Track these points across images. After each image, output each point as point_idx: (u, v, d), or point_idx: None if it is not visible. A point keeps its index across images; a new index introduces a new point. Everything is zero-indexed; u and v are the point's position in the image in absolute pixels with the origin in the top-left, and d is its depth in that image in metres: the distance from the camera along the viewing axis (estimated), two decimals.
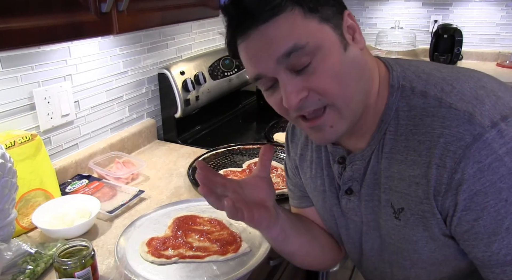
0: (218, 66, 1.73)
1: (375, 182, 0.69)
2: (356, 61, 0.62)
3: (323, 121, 0.62)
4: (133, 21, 0.96)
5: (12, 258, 0.84)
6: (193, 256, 0.91)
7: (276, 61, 0.58)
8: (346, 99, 0.60)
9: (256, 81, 0.63)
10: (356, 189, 0.72)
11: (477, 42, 2.66)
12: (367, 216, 0.73)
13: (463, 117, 0.58)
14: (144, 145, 1.52)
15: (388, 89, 0.66)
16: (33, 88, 1.12)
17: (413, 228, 0.66)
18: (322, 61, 0.58)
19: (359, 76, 0.62)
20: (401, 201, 0.65)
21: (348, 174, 0.72)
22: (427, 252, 0.67)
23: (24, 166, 0.99)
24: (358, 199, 0.73)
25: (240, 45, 0.62)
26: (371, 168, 0.69)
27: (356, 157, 0.70)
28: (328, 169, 0.77)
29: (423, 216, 0.64)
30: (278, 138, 1.54)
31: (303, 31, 0.57)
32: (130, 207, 1.12)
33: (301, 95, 0.59)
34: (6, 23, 0.70)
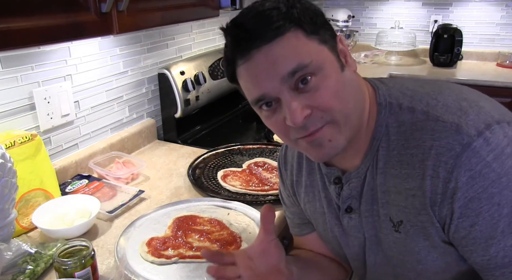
0: (218, 66, 1.73)
1: (372, 198, 0.71)
2: (352, 81, 0.65)
3: (322, 135, 0.63)
4: (133, 21, 0.96)
5: (12, 258, 0.84)
6: (193, 256, 0.91)
7: (280, 80, 0.59)
8: (346, 115, 0.62)
9: (257, 103, 0.64)
10: (356, 206, 0.73)
11: (477, 42, 2.66)
12: (369, 232, 0.74)
13: (450, 128, 0.60)
14: (144, 145, 1.52)
15: (376, 107, 0.68)
16: (33, 88, 1.12)
17: (414, 239, 0.67)
18: (324, 79, 0.60)
19: (355, 94, 0.65)
20: (400, 214, 0.67)
21: (346, 192, 0.73)
22: (430, 261, 0.68)
23: (24, 166, 0.99)
24: (358, 216, 0.74)
25: (241, 67, 0.62)
26: (367, 184, 0.70)
27: (351, 175, 0.72)
28: (325, 190, 0.78)
29: (422, 226, 0.65)
30: (278, 138, 1.54)
31: (306, 51, 0.59)
32: (130, 207, 1.12)
33: (305, 113, 0.60)
34: (6, 23, 0.70)
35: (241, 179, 1.24)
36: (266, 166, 1.30)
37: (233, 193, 1.17)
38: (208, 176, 1.28)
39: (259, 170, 1.27)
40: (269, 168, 1.29)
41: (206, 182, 1.24)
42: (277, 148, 1.44)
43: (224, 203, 1.11)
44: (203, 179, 1.25)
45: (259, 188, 1.18)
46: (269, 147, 1.45)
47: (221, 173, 1.26)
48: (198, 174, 1.28)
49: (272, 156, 1.40)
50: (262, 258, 0.71)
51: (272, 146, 1.45)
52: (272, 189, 1.17)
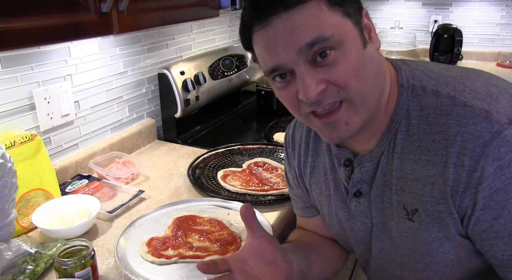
0: (218, 66, 1.73)
1: (384, 184, 0.68)
2: (374, 59, 0.61)
3: (338, 117, 0.60)
4: (133, 21, 0.96)
5: (12, 258, 0.84)
6: (193, 256, 0.91)
7: (297, 51, 0.56)
8: (363, 95, 0.59)
9: (271, 73, 0.61)
10: (365, 191, 0.71)
11: (477, 42, 2.66)
12: (377, 218, 0.72)
13: (479, 115, 0.57)
14: (144, 145, 1.52)
15: (397, 89, 0.65)
16: (33, 88, 1.12)
17: (427, 229, 0.64)
18: (344, 55, 0.57)
19: (376, 74, 0.62)
20: (415, 202, 0.64)
21: (358, 176, 0.71)
22: (441, 253, 0.66)
23: (24, 166, 0.99)
24: (367, 200, 0.71)
25: (257, 33, 0.59)
26: (381, 169, 0.68)
27: (364, 158, 0.69)
28: (333, 173, 0.76)
29: (439, 216, 0.62)
30: (278, 138, 1.54)
31: (328, 22, 0.56)
32: (130, 207, 1.12)
33: (320, 88, 0.57)
34: (6, 23, 0.70)
35: (241, 179, 1.24)
36: (266, 166, 1.30)
37: (233, 193, 1.17)
38: (208, 176, 1.28)
39: (259, 170, 1.27)
40: (269, 168, 1.29)
41: (206, 182, 1.24)
42: (277, 148, 1.44)
43: (224, 203, 1.11)
44: (203, 179, 1.25)
45: (259, 188, 1.18)
46: (269, 147, 1.45)
47: (221, 173, 1.26)
48: (198, 174, 1.28)
49: (272, 156, 1.40)
50: (256, 256, 0.70)
51: (272, 146, 1.45)
52: (272, 189, 1.17)
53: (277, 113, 1.84)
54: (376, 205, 0.70)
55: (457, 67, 0.68)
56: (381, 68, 0.64)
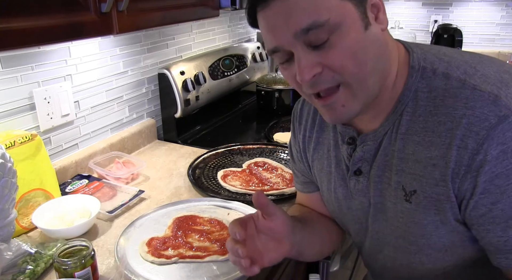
0: (218, 66, 1.73)
1: (385, 163, 0.68)
2: (376, 41, 0.61)
3: (335, 99, 0.61)
4: (133, 21, 0.96)
5: (12, 258, 0.84)
6: (193, 256, 0.91)
7: (293, 35, 0.57)
8: (361, 79, 0.60)
9: (273, 53, 0.62)
10: (366, 170, 0.71)
11: (477, 42, 2.66)
12: (375, 198, 0.72)
13: (487, 98, 0.57)
14: (144, 145, 1.52)
15: (407, 70, 0.65)
16: (33, 88, 1.12)
17: (424, 211, 0.65)
18: (341, 38, 0.57)
19: (377, 57, 0.61)
20: (414, 183, 0.64)
21: (359, 154, 0.71)
22: (435, 237, 0.66)
23: (24, 166, 0.99)
24: (367, 180, 0.72)
25: (259, 14, 0.61)
26: (383, 149, 0.68)
27: (367, 137, 0.69)
28: (336, 150, 0.76)
29: (437, 199, 0.63)
30: (278, 138, 1.54)
31: (324, 6, 0.56)
32: (130, 207, 1.12)
33: (314, 71, 0.58)
34: (6, 23, 0.70)
35: (241, 179, 1.24)
36: (266, 166, 1.30)
37: (233, 193, 1.17)
38: (208, 176, 1.28)
39: (259, 170, 1.27)
40: (269, 168, 1.29)
41: (206, 182, 1.24)
42: (277, 148, 1.44)
43: (224, 203, 1.11)
44: (203, 179, 1.25)
45: (259, 188, 1.18)
46: (269, 147, 1.45)
47: (221, 173, 1.26)
48: (198, 174, 1.28)
49: (272, 156, 1.40)
50: (267, 233, 0.69)
51: (272, 146, 1.45)
52: (272, 189, 1.17)
53: (277, 113, 1.84)
54: (375, 184, 0.71)
55: (471, 53, 0.68)
56: (385, 49, 0.63)
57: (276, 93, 1.86)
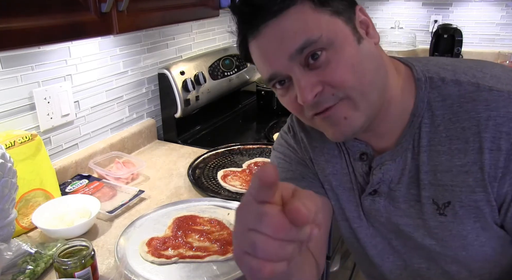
0: (218, 66, 1.73)
1: (410, 181, 0.66)
2: (371, 54, 0.60)
3: (336, 111, 0.59)
4: (133, 21, 0.96)
5: (12, 258, 0.84)
6: (193, 256, 0.91)
7: (289, 57, 0.57)
8: (362, 91, 0.58)
9: (270, 81, 0.62)
10: (383, 190, 0.68)
11: (477, 42, 2.66)
12: (397, 218, 0.68)
13: (508, 97, 0.57)
14: (144, 145, 1.52)
15: (413, 83, 0.64)
16: (33, 88, 1.12)
17: (462, 221, 0.62)
18: (336, 53, 0.57)
19: (375, 69, 0.60)
20: (447, 194, 0.62)
21: (378, 176, 0.67)
22: (477, 246, 0.63)
23: (24, 166, 0.99)
24: (384, 199, 0.69)
25: (251, 44, 0.60)
26: (407, 167, 0.65)
27: (384, 158, 0.66)
28: (351, 166, 0.73)
29: (475, 206, 0.60)
30: None
31: (314, 24, 0.56)
32: (130, 207, 1.12)
33: (316, 90, 0.57)
34: (6, 23, 0.70)
35: (241, 179, 1.24)
36: None
37: (233, 193, 1.17)
38: (208, 176, 1.28)
39: None
40: None
41: (206, 182, 1.24)
42: None
43: (224, 203, 1.11)
44: (203, 179, 1.25)
45: None
46: (269, 147, 1.45)
47: (221, 173, 1.26)
48: (198, 174, 1.28)
49: None
50: None
51: (272, 146, 1.45)
52: None
53: (277, 113, 1.84)
54: (397, 204, 0.68)
55: (469, 59, 0.68)
56: (381, 63, 0.62)
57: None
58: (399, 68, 0.66)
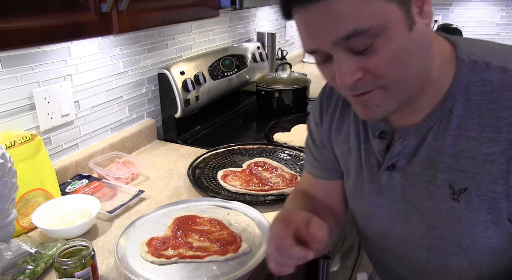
0: (218, 66, 1.73)
1: (428, 161, 0.65)
2: (420, 41, 0.57)
3: (371, 98, 0.59)
4: (133, 21, 0.96)
5: (12, 258, 0.84)
6: (193, 256, 0.91)
7: (333, 42, 0.54)
8: (402, 83, 0.58)
9: (311, 54, 0.60)
10: (401, 165, 0.68)
11: None
12: (410, 196, 0.69)
13: None
14: (144, 145, 1.52)
15: (455, 64, 0.62)
16: (33, 88, 1.12)
17: (474, 210, 0.62)
18: (385, 43, 0.54)
19: (422, 58, 0.59)
20: (466, 181, 0.61)
21: (397, 149, 0.68)
22: (483, 238, 0.63)
23: (24, 166, 0.99)
24: (401, 175, 0.69)
25: (296, 11, 0.57)
26: (427, 145, 0.65)
27: (408, 132, 0.66)
28: (366, 143, 0.74)
29: (492, 197, 0.60)
30: (278, 138, 1.54)
31: (367, 11, 0.52)
32: (130, 207, 1.12)
33: (355, 76, 0.56)
34: (6, 23, 0.70)
35: (241, 179, 1.24)
36: (266, 166, 1.30)
37: (233, 193, 1.17)
38: (208, 176, 1.28)
39: (259, 170, 1.27)
40: (269, 168, 1.29)
41: (206, 182, 1.24)
42: (277, 148, 1.44)
43: (224, 203, 1.11)
44: (203, 179, 1.25)
45: (259, 188, 1.18)
46: (269, 147, 1.45)
47: (221, 173, 1.26)
48: (198, 174, 1.28)
49: (272, 155, 1.40)
50: None
51: (272, 146, 1.45)
52: (272, 189, 1.17)
53: (277, 113, 1.84)
54: (412, 182, 0.68)
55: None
56: (430, 48, 0.60)
57: (276, 93, 1.86)
58: (443, 47, 0.64)
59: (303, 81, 1.94)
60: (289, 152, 1.41)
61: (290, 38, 2.75)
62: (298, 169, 1.31)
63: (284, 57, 2.44)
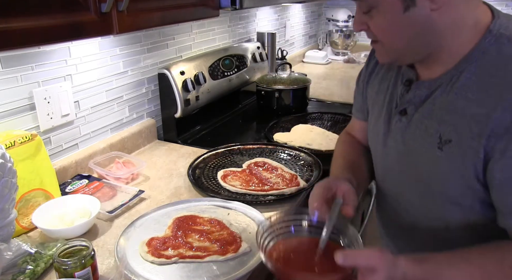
0: (218, 66, 1.73)
1: (430, 112, 0.75)
2: (415, 23, 0.68)
3: (376, 47, 0.76)
4: (133, 21, 0.96)
5: (12, 258, 0.84)
6: (193, 256, 0.91)
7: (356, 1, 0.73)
8: (391, 48, 0.73)
9: None
10: (411, 112, 0.79)
11: None
12: (409, 141, 0.79)
13: None
14: (144, 145, 1.52)
15: (483, 33, 0.69)
16: (33, 88, 1.12)
17: (451, 161, 0.70)
18: (378, 14, 0.69)
19: (413, 36, 0.70)
20: (452, 134, 0.70)
21: (409, 96, 0.79)
22: (452, 188, 0.72)
23: (24, 166, 0.99)
24: (408, 121, 0.79)
25: None
26: (434, 98, 0.74)
27: (423, 84, 0.77)
28: (393, 87, 0.85)
29: (467, 152, 0.68)
30: (278, 138, 1.54)
31: None
32: (130, 207, 1.12)
33: (360, 27, 0.74)
34: (6, 23, 0.70)
35: (241, 179, 1.24)
36: (266, 166, 1.30)
37: (233, 193, 1.17)
38: (208, 176, 1.28)
39: (259, 170, 1.27)
40: (269, 168, 1.29)
41: (206, 182, 1.24)
42: (277, 148, 1.44)
43: (224, 203, 1.11)
44: (203, 179, 1.25)
45: (259, 188, 1.18)
46: (269, 147, 1.45)
47: (221, 173, 1.26)
48: (198, 174, 1.28)
49: (272, 155, 1.40)
50: None
51: (272, 146, 1.45)
52: (272, 189, 1.17)
53: (277, 113, 1.84)
54: (414, 128, 0.78)
55: None
56: (427, 30, 0.68)
57: (276, 93, 1.86)
58: (480, 18, 0.70)
59: (303, 81, 1.94)
60: (289, 152, 1.41)
61: (290, 38, 2.75)
62: (298, 169, 1.31)
63: (284, 57, 2.44)
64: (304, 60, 2.96)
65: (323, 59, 2.91)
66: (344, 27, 2.95)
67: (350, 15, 2.92)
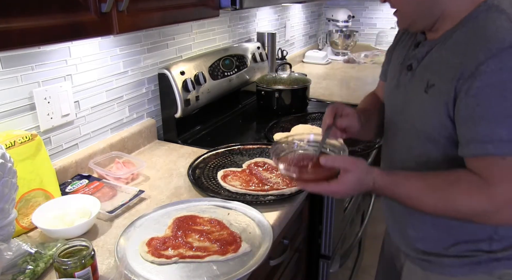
0: (218, 66, 1.73)
1: (426, 65, 0.88)
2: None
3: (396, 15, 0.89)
4: (133, 21, 0.96)
5: (12, 258, 0.84)
6: (193, 256, 0.91)
7: None
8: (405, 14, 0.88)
9: None
10: (414, 67, 0.91)
11: None
12: (409, 92, 0.91)
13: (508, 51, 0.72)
14: (144, 145, 1.52)
15: (479, 3, 0.80)
16: (33, 88, 1.12)
17: (432, 102, 0.83)
18: None
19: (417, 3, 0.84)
20: (436, 79, 0.83)
21: (414, 53, 0.93)
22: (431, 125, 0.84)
23: (24, 166, 0.99)
24: (411, 74, 0.92)
25: None
26: (430, 54, 0.87)
27: (426, 43, 0.90)
28: (409, 50, 0.97)
29: (443, 93, 0.80)
30: (278, 138, 1.54)
31: None
32: (130, 207, 1.13)
33: None
34: (6, 23, 0.70)
35: (241, 179, 1.24)
36: (266, 166, 1.30)
37: (233, 193, 1.17)
38: (208, 176, 1.28)
39: (259, 170, 1.27)
40: (269, 168, 1.29)
41: (206, 182, 1.24)
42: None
43: (224, 203, 1.11)
44: (203, 179, 1.25)
45: (259, 188, 1.18)
46: (269, 147, 1.45)
47: (221, 173, 1.26)
48: (198, 174, 1.28)
49: None
50: None
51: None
52: (272, 189, 1.17)
53: (277, 113, 1.84)
54: (414, 80, 0.90)
55: None
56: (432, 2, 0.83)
57: (276, 93, 1.86)
58: None
59: (303, 81, 1.94)
60: None
61: (290, 38, 2.76)
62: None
63: (284, 57, 2.44)
64: (304, 60, 2.96)
65: (323, 59, 2.91)
66: (344, 27, 2.95)
67: (350, 15, 2.92)
